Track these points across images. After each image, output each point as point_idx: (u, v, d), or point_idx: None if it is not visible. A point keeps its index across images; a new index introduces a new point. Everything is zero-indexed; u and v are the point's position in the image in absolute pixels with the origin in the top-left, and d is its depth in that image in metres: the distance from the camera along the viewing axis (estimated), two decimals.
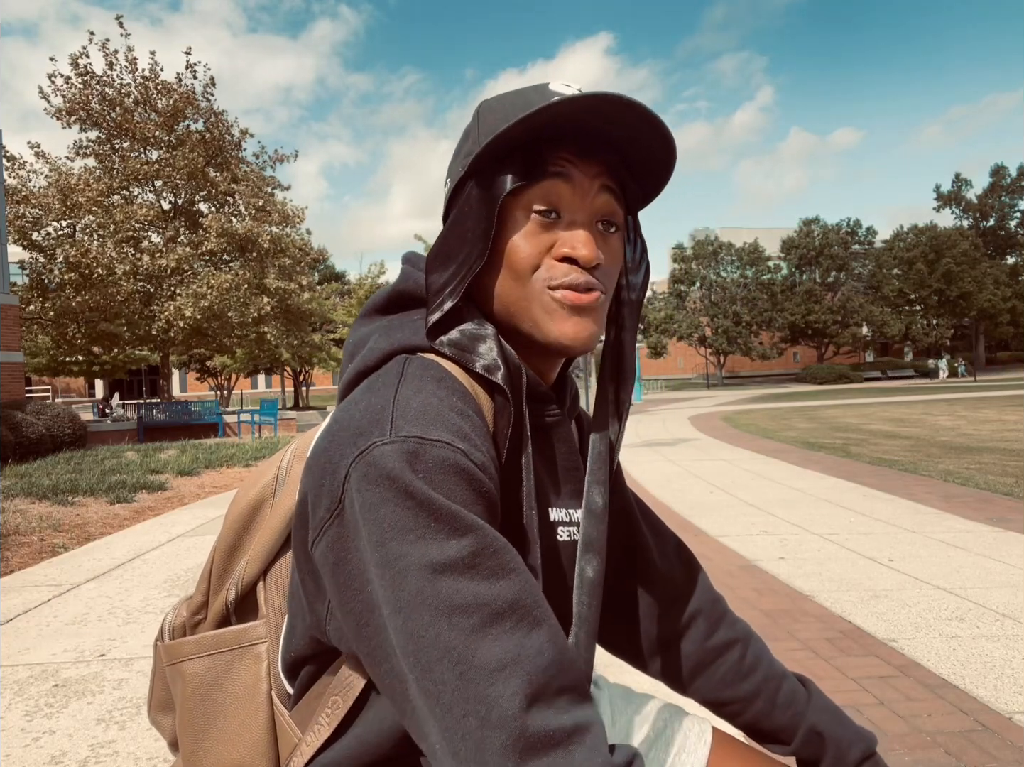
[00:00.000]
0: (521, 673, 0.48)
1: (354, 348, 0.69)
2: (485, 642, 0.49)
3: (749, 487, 6.55)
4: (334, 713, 0.63)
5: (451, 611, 0.49)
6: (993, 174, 57.35)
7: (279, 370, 32.52)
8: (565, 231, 0.64)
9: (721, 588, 3.42)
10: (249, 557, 0.72)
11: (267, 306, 17.62)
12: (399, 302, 0.71)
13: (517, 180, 0.62)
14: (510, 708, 0.47)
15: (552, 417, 0.71)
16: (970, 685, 2.30)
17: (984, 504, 5.40)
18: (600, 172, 0.65)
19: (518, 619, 0.50)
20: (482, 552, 0.51)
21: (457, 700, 0.48)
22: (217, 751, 0.70)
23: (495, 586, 0.51)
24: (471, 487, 0.54)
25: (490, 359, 0.63)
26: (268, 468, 0.76)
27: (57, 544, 4.81)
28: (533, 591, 0.52)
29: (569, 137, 0.63)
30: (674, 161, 0.66)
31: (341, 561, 0.55)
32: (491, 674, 0.48)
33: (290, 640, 0.68)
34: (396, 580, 0.50)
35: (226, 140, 18.83)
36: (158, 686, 0.81)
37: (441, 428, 0.55)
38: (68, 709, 2.30)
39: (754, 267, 49.62)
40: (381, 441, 0.54)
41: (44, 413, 10.86)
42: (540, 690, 0.48)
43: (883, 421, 14.23)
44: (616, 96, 0.58)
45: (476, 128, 0.67)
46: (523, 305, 0.65)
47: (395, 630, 0.50)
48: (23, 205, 16.03)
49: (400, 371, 0.61)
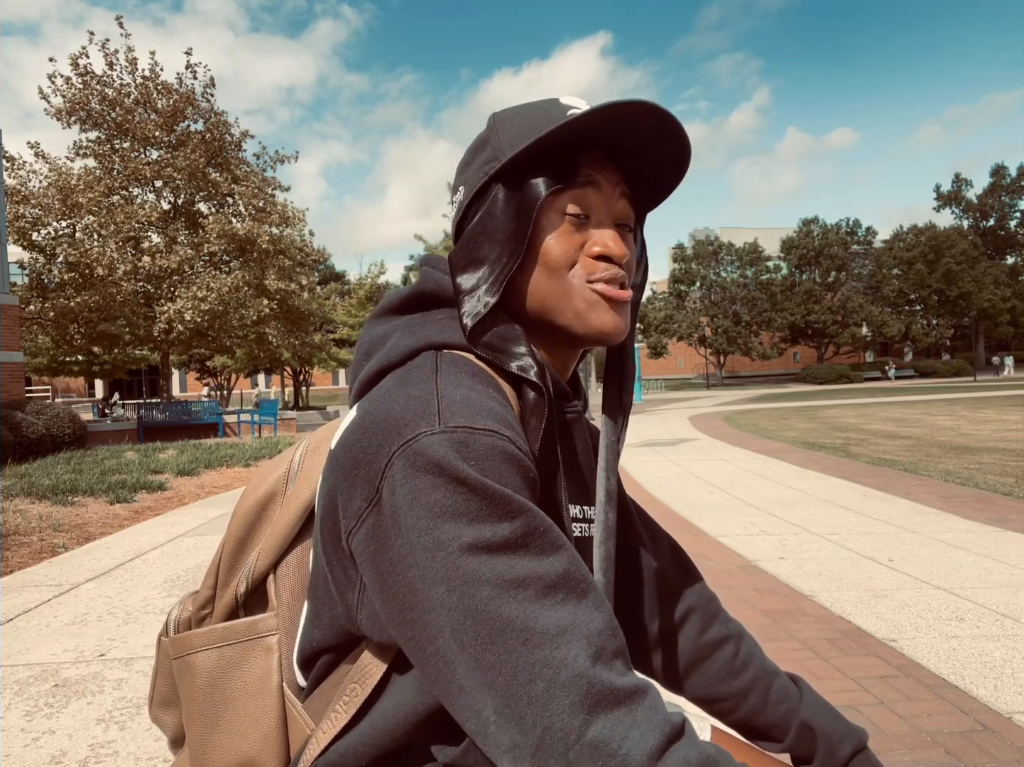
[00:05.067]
0: (580, 636, 0.51)
1: (370, 346, 0.71)
2: (544, 611, 0.51)
3: (749, 487, 6.55)
4: (352, 700, 0.64)
5: (509, 585, 0.51)
6: (993, 174, 57.39)
7: (279, 370, 32.50)
8: (595, 230, 0.68)
9: (721, 588, 3.42)
10: (260, 550, 0.73)
11: (267, 308, 17.63)
12: (419, 302, 0.73)
13: (552, 184, 0.66)
14: (577, 667, 0.50)
15: (572, 413, 0.74)
16: (970, 685, 2.30)
17: (984, 504, 5.40)
18: (620, 179, 0.70)
19: (569, 589, 0.53)
20: (533, 531, 0.54)
21: (523, 666, 0.50)
22: (226, 744, 0.71)
23: (546, 561, 0.53)
24: (519, 472, 0.56)
25: (524, 359, 0.66)
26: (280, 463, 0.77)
27: (57, 544, 4.81)
28: (579, 565, 0.55)
29: (595, 144, 0.68)
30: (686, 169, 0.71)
31: (382, 548, 0.56)
32: (554, 638, 0.50)
33: (312, 631, 0.68)
34: (450, 560, 0.52)
35: (226, 140, 18.84)
36: (161, 682, 0.81)
37: (487, 417, 0.57)
38: (68, 709, 2.30)
39: (754, 267, 49.63)
40: (430, 430, 0.55)
41: (44, 413, 10.86)
42: (598, 651, 0.51)
43: (883, 421, 14.23)
44: (651, 105, 0.62)
45: (496, 137, 0.70)
46: (562, 299, 0.68)
47: (451, 609, 0.52)
48: (23, 205, 16.02)
49: (434, 366, 0.62)
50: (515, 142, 0.67)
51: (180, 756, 0.79)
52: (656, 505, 5.74)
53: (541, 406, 0.65)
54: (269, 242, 17.77)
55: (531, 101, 0.72)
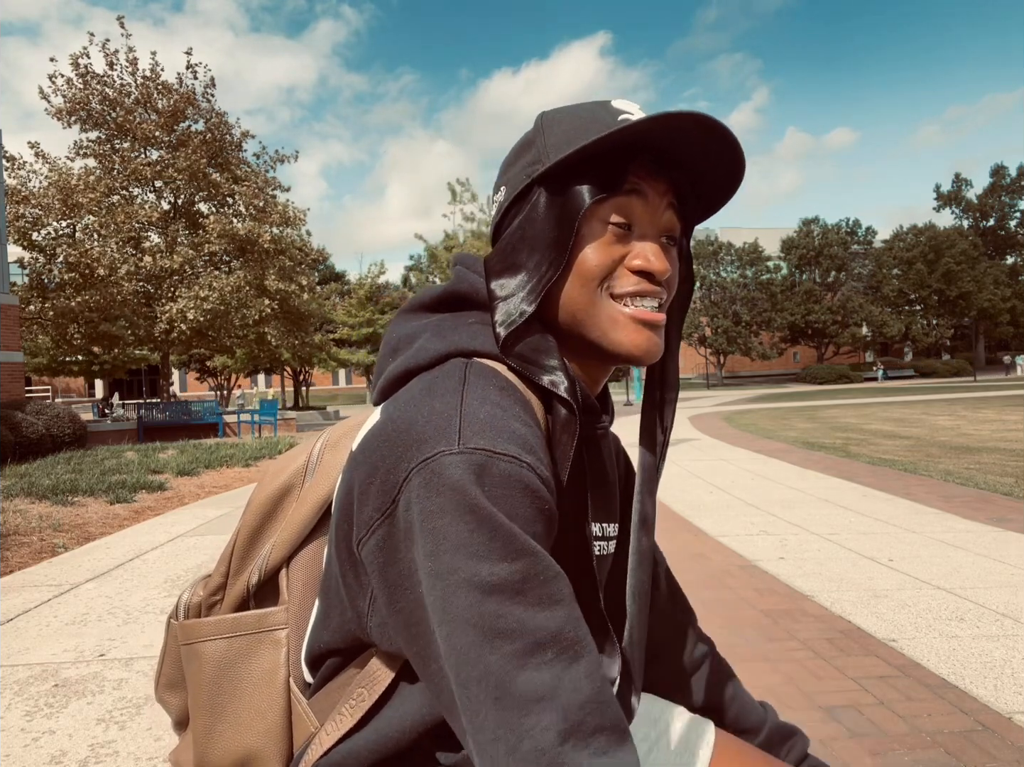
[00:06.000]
0: (557, 707, 0.47)
1: (398, 343, 0.69)
2: (524, 671, 0.48)
3: (749, 487, 6.55)
4: (358, 705, 0.64)
5: (494, 634, 0.49)
6: (993, 174, 57.39)
7: (279, 370, 32.50)
8: (638, 242, 0.66)
9: (721, 588, 3.42)
10: (275, 542, 0.72)
11: (267, 308, 17.63)
12: (451, 302, 0.71)
13: (597, 192, 0.63)
14: (542, 742, 0.46)
15: (600, 430, 0.72)
16: (970, 685, 2.30)
17: (984, 504, 5.40)
18: (668, 190, 0.67)
19: (559, 651, 0.49)
20: (533, 578, 0.51)
21: (489, 723, 0.47)
22: (230, 735, 0.71)
23: (540, 615, 0.50)
24: (534, 504, 0.54)
25: (556, 373, 0.63)
26: (298, 455, 0.76)
27: (57, 544, 4.81)
28: (578, 624, 0.51)
29: (644, 153, 0.65)
30: (740, 183, 0.68)
31: (391, 561, 0.55)
32: (526, 704, 0.47)
33: (321, 632, 0.68)
34: (445, 593, 0.50)
35: (226, 141, 18.85)
36: (168, 664, 0.81)
37: (508, 441, 0.54)
38: (68, 709, 2.29)
39: (754, 267, 49.64)
40: (449, 450, 0.53)
41: (44, 413, 10.86)
42: (574, 727, 0.47)
43: (883, 421, 14.23)
44: (706, 117, 0.60)
45: (542, 138, 0.67)
46: (591, 312, 0.66)
47: (440, 639, 0.51)
48: (23, 205, 16.02)
49: (463, 376, 0.60)
50: (561, 145, 0.64)
51: (183, 741, 0.79)
52: (656, 505, 5.74)
53: (572, 423, 0.62)
54: (270, 242, 17.78)
55: (581, 103, 0.69)
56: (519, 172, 0.68)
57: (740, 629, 2.86)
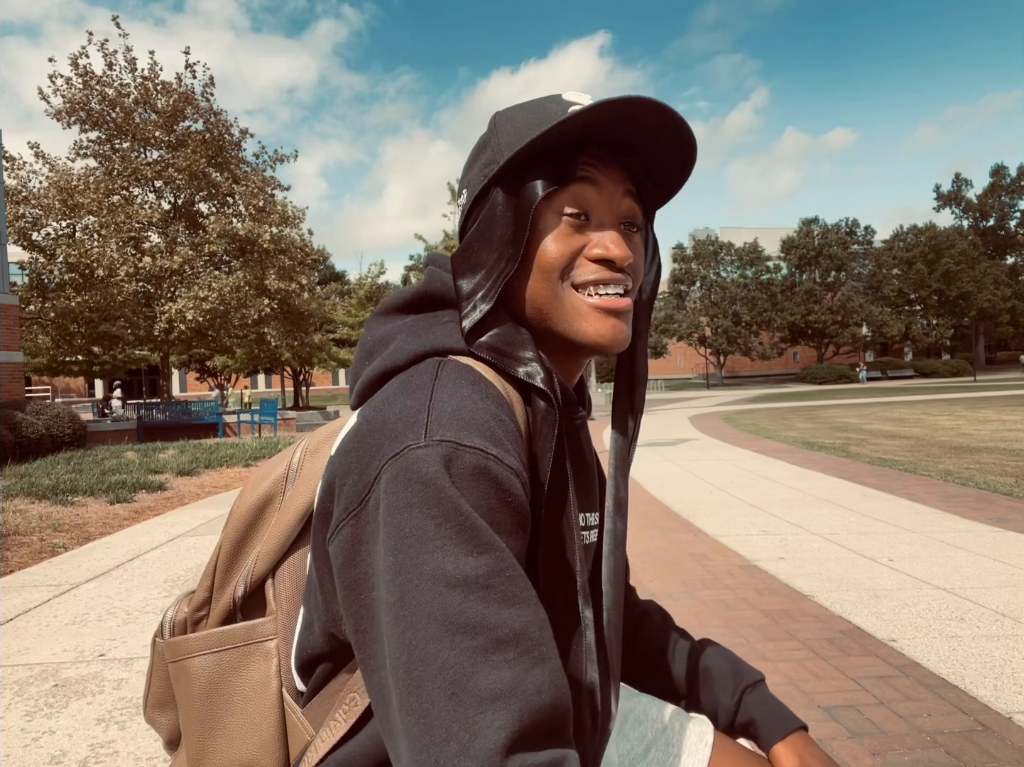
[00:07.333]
0: (514, 708, 0.46)
1: (373, 346, 0.69)
2: (484, 668, 0.47)
3: (749, 487, 6.55)
4: (352, 710, 0.63)
5: (455, 629, 0.48)
6: (993, 174, 57.41)
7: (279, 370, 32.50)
8: (595, 232, 0.66)
9: (721, 588, 3.42)
10: (259, 553, 0.72)
11: (267, 308, 17.62)
12: (424, 302, 0.71)
13: (549, 185, 0.64)
14: (494, 742, 0.45)
15: (578, 420, 0.72)
16: (970, 685, 2.30)
17: (984, 504, 5.40)
18: (623, 177, 0.67)
19: (522, 652, 0.48)
20: (498, 574, 0.50)
21: (441, 721, 0.46)
22: (225, 749, 0.70)
23: (504, 612, 0.49)
24: (499, 495, 0.54)
25: (531, 364, 0.64)
26: (277, 463, 0.75)
27: (57, 544, 4.81)
28: (542, 627, 0.51)
29: (593, 142, 0.65)
30: (693, 164, 0.68)
31: (350, 562, 0.55)
32: (482, 702, 0.46)
33: (307, 638, 0.67)
34: (406, 587, 0.49)
35: (226, 140, 18.84)
36: (155, 683, 0.80)
37: (475, 433, 0.54)
38: (68, 709, 2.30)
39: (754, 267, 49.66)
40: (416, 444, 0.53)
41: (44, 413, 10.86)
42: (529, 730, 0.46)
43: (883, 421, 14.23)
44: (648, 100, 0.60)
45: (496, 138, 0.68)
46: (555, 305, 0.66)
47: (391, 640, 0.49)
48: (23, 205, 16.02)
49: (435, 374, 0.60)
50: (514, 143, 0.65)
51: (177, 759, 0.78)
52: (656, 505, 5.75)
53: (551, 414, 0.62)
54: (270, 242, 17.78)
55: (534, 99, 0.70)
56: (477, 173, 0.69)
57: (740, 629, 2.86)
